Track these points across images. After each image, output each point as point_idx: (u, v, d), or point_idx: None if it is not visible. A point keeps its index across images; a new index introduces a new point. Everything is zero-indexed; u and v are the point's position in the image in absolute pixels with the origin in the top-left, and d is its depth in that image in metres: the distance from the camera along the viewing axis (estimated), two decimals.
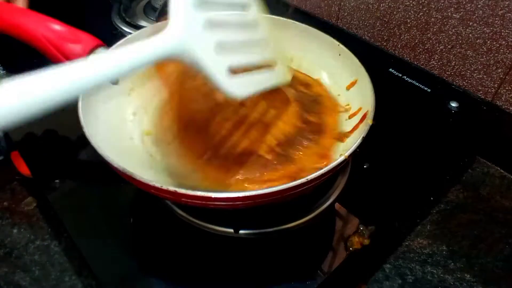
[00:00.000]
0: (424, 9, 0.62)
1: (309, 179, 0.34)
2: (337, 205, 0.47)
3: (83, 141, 0.36)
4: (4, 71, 0.65)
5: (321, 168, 0.39)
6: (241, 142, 0.42)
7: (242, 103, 0.47)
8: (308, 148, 0.41)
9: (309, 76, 0.52)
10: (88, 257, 0.41)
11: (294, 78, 0.51)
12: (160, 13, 0.75)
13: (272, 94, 0.48)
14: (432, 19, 0.62)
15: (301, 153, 0.41)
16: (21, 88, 0.22)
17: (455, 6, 0.58)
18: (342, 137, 0.42)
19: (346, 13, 0.75)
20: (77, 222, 0.45)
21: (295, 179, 0.38)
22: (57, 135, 0.56)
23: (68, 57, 0.47)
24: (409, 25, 0.66)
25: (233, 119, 0.44)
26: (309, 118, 0.45)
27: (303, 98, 0.48)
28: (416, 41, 0.66)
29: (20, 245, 0.44)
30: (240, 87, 0.35)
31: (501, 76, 0.58)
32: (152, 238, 0.44)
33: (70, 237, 0.44)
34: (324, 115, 0.45)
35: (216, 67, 0.32)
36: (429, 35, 0.64)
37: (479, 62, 0.59)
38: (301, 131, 0.43)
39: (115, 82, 0.48)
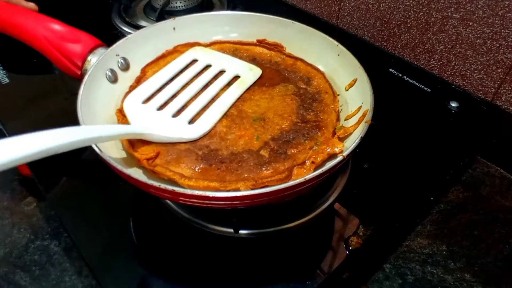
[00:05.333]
0: (424, 9, 0.62)
1: (307, 179, 0.34)
2: (337, 205, 0.47)
3: None
4: (4, 71, 0.65)
5: (319, 167, 0.39)
6: (237, 140, 0.42)
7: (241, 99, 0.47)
8: (306, 146, 0.41)
9: (310, 66, 0.52)
10: (88, 257, 0.41)
11: (296, 72, 0.51)
12: (160, 13, 0.75)
13: (271, 92, 0.48)
14: (432, 19, 0.62)
15: (298, 151, 0.41)
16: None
17: (455, 6, 0.58)
18: (340, 136, 0.42)
19: (346, 13, 0.75)
20: (77, 222, 0.45)
21: (292, 178, 0.38)
22: None
23: (68, 57, 0.47)
24: (409, 25, 0.66)
25: (230, 116, 0.45)
26: (308, 117, 0.45)
27: (303, 95, 0.48)
28: (416, 41, 0.66)
29: (20, 245, 0.44)
30: (202, 126, 0.43)
31: (501, 76, 0.58)
32: (152, 238, 0.44)
33: (70, 237, 0.44)
34: (323, 114, 0.45)
35: (173, 131, 0.42)
36: (429, 35, 0.64)
37: (479, 62, 0.59)
38: (299, 129, 0.43)
39: (113, 80, 0.48)
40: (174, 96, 0.46)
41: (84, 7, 0.83)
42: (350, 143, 0.37)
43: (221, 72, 0.50)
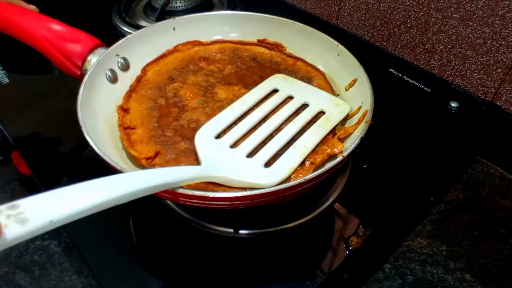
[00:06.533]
0: (424, 9, 0.62)
1: (307, 179, 0.34)
2: (337, 205, 0.47)
3: (83, 141, 0.36)
4: (4, 71, 0.65)
5: (318, 168, 0.39)
6: None
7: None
8: None
9: (311, 66, 0.51)
10: (88, 257, 0.41)
11: (296, 72, 0.51)
12: (160, 13, 0.75)
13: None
14: (432, 19, 0.62)
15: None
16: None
17: (455, 6, 0.58)
18: (341, 137, 0.42)
19: (346, 13, 0.75)
20: (77, 222, 0.45)
21: (290, 179, 0.38)
22: (57, 134, 0.56)
23: (68, 57, 0.47)
24: (409, 25, 0.65)
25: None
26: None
27: None
28: (416, 41, 0.66)
29: (20, 245, 0.44)
30: (279, 172, 0.38)
31: (501, 76, 0.58)
32: (152, 238, 0.44)
33: (70, 237, 0.44)
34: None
35: (246, 174, 0.37)
36: (429, 35, 0.64)
37: (479, 62, 0.59)
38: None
39: (113, 80, 0.48)
40: (250, 131, 0.41)
41: (84, 7, 0.83)
42: (350, 143, 0.37)
43: (304, 105, 0.45)
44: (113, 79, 0.48)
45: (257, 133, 0.41)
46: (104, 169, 0.36)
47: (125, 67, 0.49)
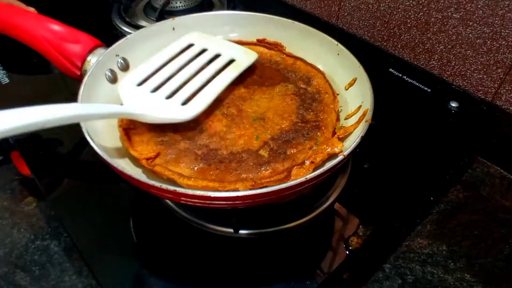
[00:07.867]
0: (424, 9, 0.62)
1: (308, 179, 0.34)
2: (337, 205, 0.47)
3: (83, 141, 0.36)
4: (4, 71, 0.65)
5: (318, 168, 0.39)
6: (237, 140, 0.42)
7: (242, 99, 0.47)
8: (305, 146, 0.41)
9: (310, 65, 0.51)
10: (88, 257, 0.41)
11: (296, 72, 0.51)
12: (160, 13, 0.75)
13: (272, 92, 0.48)
14: (432, 19, 0.62)
15: (298, 151, 0.41)
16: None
17: (455, 6, 0.58)
18: (340, 136, 0.42)
19: (346, 13, 0.75)
20: (77, 222, 0.45)
21: (290, 178, 0.38)
22: (57, 135, 0.56)
23: (68, 57, 0.47)
24: (409, 25, 0.66)
25: (230, 116, 0.45)
26: (308, 117, 0.45)
27: (303, 95, 0.47)
28: (416, 41, 0.66)
29: (20, 245, 0.44)
30: (195, 107, 0.42)
31: (501, 76, 0.58)
32: (152, 238, 0.44)
33: (70, 237, 0.44)
34: (323, 114, 0.45)
35: (166, 112, 0.41)
36: (429, 35, 0.64)
37: (479, 62, 0.59)
38: (299, 129, 0.43)
39: (113, 80, 0.48)
40: (168, 79, 0.46)
41: (84, 7, 0.83)
42: (350, 143, 0.37)
43: (217, 56, 0.50)
44: (113, 79, 0.48)
45: (175, 79, 0.45)
46: (104, 169, 0.36)
47: (125, 67, 0.49)
